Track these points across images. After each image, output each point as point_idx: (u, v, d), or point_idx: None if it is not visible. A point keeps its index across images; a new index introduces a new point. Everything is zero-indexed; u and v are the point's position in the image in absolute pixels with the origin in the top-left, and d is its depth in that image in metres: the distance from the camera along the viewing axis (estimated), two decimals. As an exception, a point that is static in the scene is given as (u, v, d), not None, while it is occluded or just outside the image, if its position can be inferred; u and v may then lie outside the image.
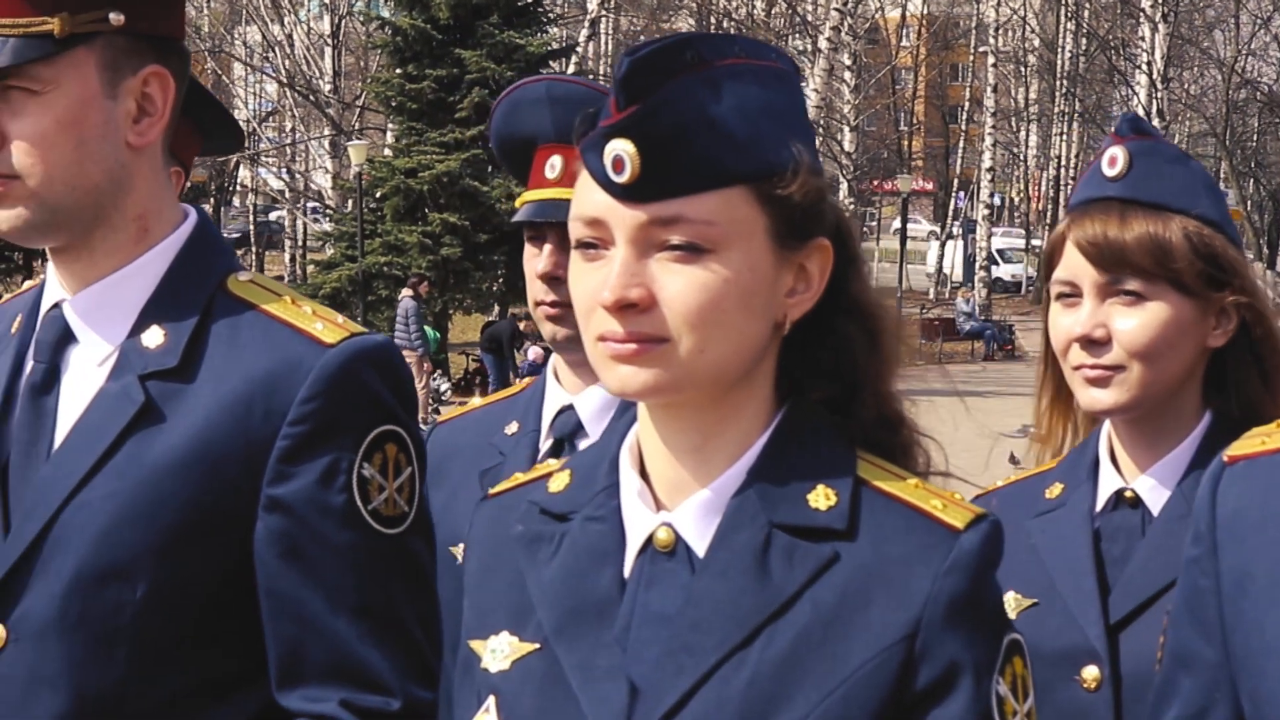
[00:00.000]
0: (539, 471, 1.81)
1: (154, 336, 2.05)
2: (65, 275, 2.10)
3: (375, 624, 1.99)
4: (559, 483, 1.75)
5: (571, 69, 33.94)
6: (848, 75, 39.08)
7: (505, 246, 28.45)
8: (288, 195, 41.24)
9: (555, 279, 2.66)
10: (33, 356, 2.10)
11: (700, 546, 1.62)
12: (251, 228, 47.15)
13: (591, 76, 38.31)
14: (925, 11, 52.99)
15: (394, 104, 29.80)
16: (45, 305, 2.12)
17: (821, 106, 35.48)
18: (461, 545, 2.65)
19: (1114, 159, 2.31)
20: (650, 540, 1.64)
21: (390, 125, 33.55)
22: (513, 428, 2.77)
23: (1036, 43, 49.87)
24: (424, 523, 2.08)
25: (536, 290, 2.69)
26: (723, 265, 1.56)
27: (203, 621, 2.00)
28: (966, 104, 52.03)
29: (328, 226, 33.71)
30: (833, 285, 1.66)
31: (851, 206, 39.92)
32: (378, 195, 29.46)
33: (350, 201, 30.87)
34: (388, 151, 32.14)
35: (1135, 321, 2.25)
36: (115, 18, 2.00)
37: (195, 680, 2.00)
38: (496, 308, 29.55)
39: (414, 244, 27.96)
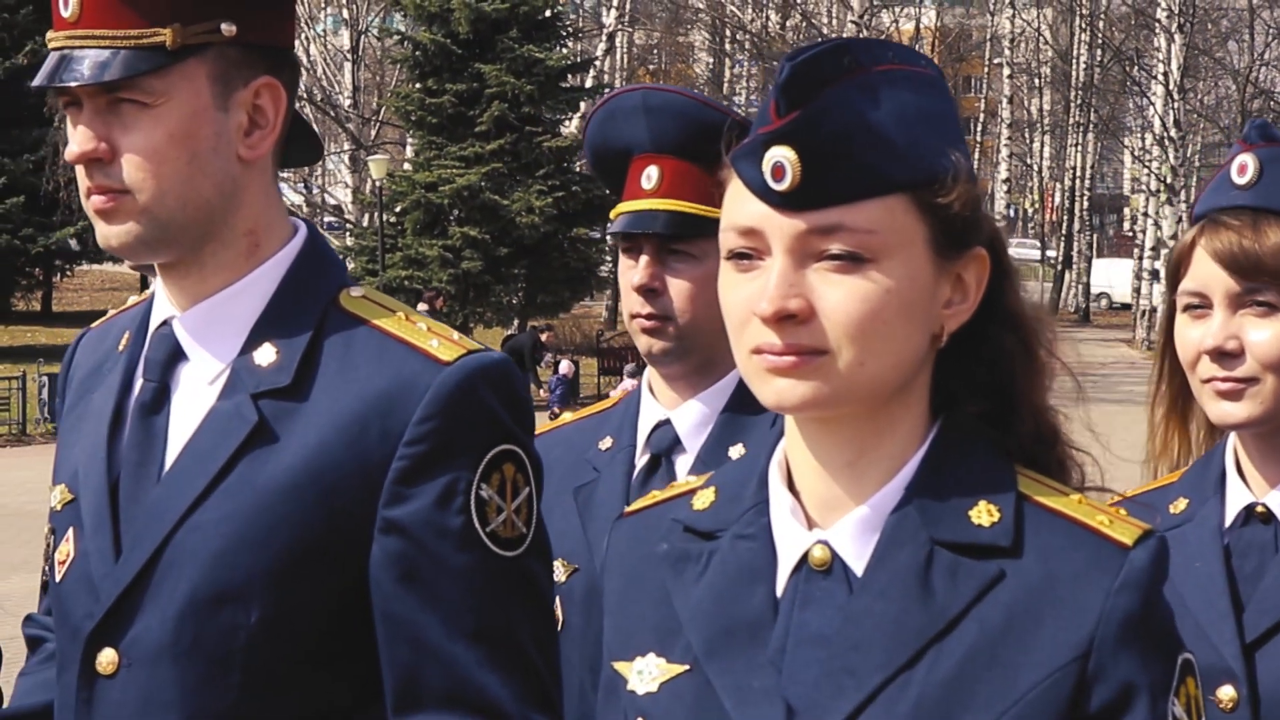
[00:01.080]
0: (680, 488, 1.77)
1: (266, 354, 2.00)
2: (175, 292, 2.05)
3: (494, 649, 1.94)
4: (704, 500, 1.70)
5: (589, 82, 33.95)
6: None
7: (525, 260, 28.47)
8: (306, 210, 41.20)
9: (651, 291, 2.61)
10: (142, 375, 2.06)
11: (858, 565, 1.58)
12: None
13: (607, 90, 38.33)
14: (939, 24, 52.97)
15: (414, 118, 29.87)
16: (154, 322, 2.08)
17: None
18: (558, 561, 2.61)
19: (1244, 167, 2.26)
20: (805, 559, 1.59)
21: (410, 139, 33.59)
22: (607, 443, 2.72)
23: (1050, 54, 49.82)
24: (542, 544, 2.03)
25: (632, 303, 2.64)
26: (883, 275, 1.52)
27: (318, 646, 1.95)
28: (981, 115, 51.96)
29: (348, 241, 33.71)
30: (987, 296, 1.62)
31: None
32: (398, 209, 29.48)
33: (369, 216, 30.90)
34: (408, 166, 32.17)
35: (1269, 333, 2.20)
36: (227, 28, 1.96)
37: (310, 706, 1.96)
38: (516, 321, 29.54)
39: (434, 258, 27.98)
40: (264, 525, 1.94)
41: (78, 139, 1.96)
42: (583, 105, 33.30)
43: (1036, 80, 50.97)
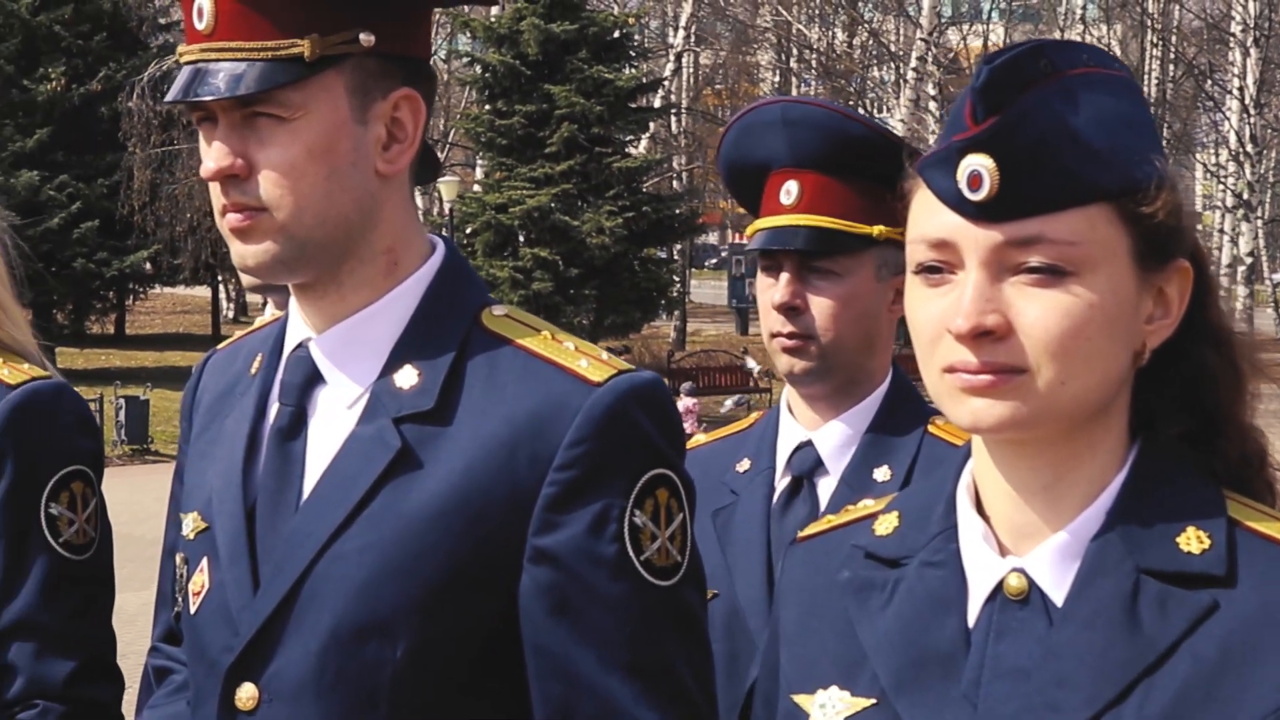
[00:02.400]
0: (857, 513, 1.70)
1: (407, 376, 1.93)
2: (311, 313, 1.98)
3: (650, 683, 1.86)
4: (886, 525, 1.63)
5: (658, 102, 33.95)
6: (933, 105, 38.90)
7: (595, 281, 28.46)
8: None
9: (793, 309, 2.56)
10: (278, 399, 1.99)
11: (1057, 595, 1.50)
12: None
13: (674, 111, 38.33)
14: (1008, 40, 52.67)
15: (484, 140, 29.91)
16: (289, 344, 2.01)
17: (908, 136, 35.40)
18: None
19: None
20: (999, 588, 1.52)
21: (480, 161, 33.68)
22: (744, 465, 2.68)
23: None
24: (697, 572, 1.95)
25: (773, 322, 2.58)
26: (1085, 289, 1.45)
27: (466, 680, 1.88)
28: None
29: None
30: (1187, 310, 1.54)
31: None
32: (468, 231, 29.55)
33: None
34: (477, 187, 32.25)
35: None
36: (365, 38, 1.89)
37: None
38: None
39: (505, 279, 28.00)
40: (410, 554, 1.86)
41: (213, 155, 1.89)
42: (651, 125, 33.27)
43: (1106, 96, 50.47)
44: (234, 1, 1.86)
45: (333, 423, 1.95)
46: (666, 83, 36.06)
